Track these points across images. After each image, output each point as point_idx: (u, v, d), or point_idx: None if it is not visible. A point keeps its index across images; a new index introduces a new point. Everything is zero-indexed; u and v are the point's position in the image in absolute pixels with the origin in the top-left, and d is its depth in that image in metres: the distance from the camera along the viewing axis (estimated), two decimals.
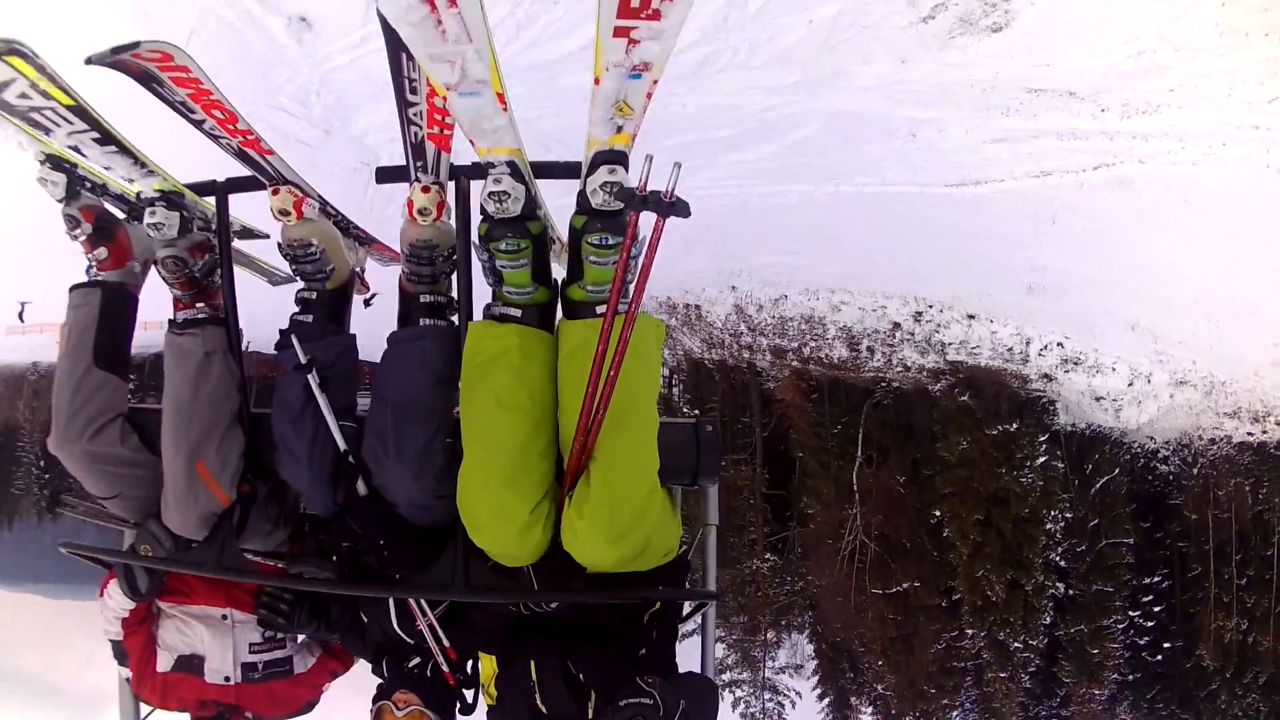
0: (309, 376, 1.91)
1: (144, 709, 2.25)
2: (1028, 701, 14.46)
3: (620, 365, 1.60)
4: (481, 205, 1.72)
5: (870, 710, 13.63)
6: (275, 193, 1.89)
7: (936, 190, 10.46)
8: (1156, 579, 14.34)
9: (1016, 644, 13.26)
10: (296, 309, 2.05)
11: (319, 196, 2.02)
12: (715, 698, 1.79)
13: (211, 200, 2.11)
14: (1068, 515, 13.34)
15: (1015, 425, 12.77)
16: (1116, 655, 14.35)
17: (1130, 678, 14.90)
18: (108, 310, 2.01)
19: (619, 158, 1.62)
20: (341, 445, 1.93)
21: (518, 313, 1.77)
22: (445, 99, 1.49)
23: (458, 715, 2.15)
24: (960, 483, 12.81)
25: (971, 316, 12.59)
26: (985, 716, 14.12)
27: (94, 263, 2.07)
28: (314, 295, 2.03)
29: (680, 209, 1.53)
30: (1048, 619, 13.47)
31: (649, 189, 1.54)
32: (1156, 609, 14.47)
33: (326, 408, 1.92)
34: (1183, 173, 9.86)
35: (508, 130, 1.53)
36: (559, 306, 1.83)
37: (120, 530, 2.21)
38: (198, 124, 1.73)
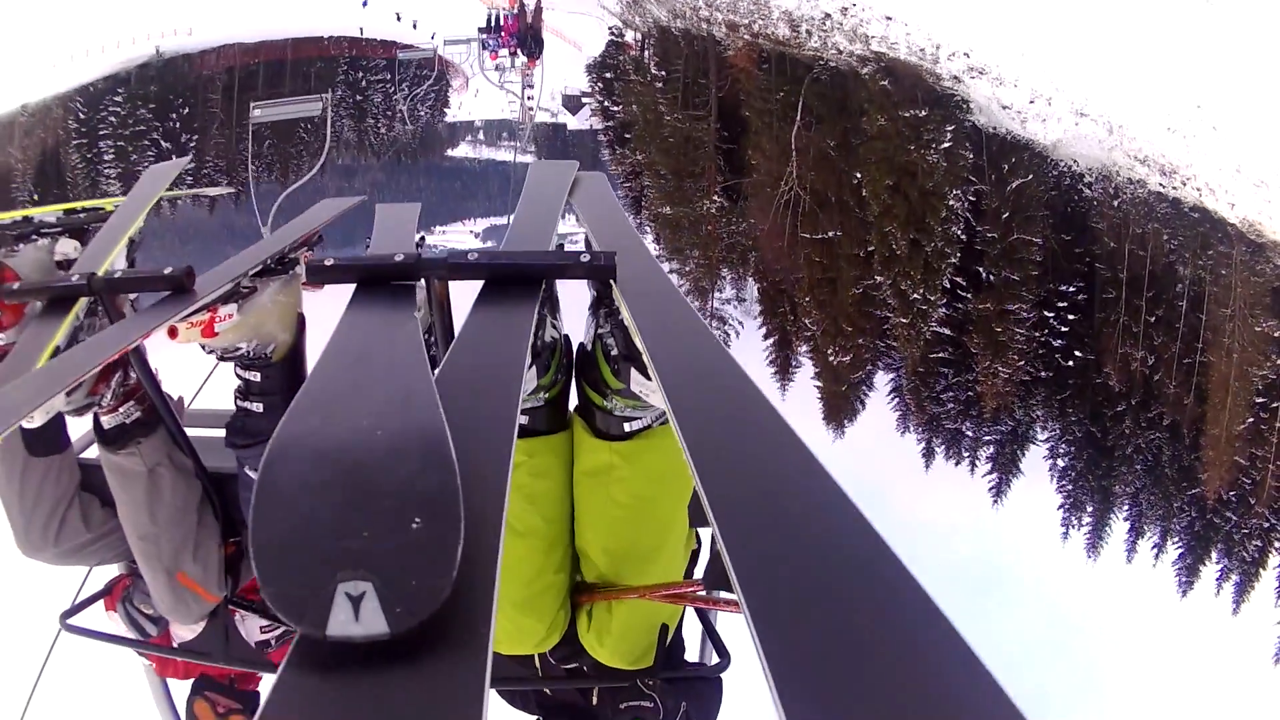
0: None
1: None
2: (946, 371, 16.93)
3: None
4: None
5: (806, 348, 16.47)
6: (173, 334, 1.43)
7: None
8: (1072, 289, 16.53)
9: (916, 295, 15.93)
10: (238, 392, 1.65)
11: (232, 285, 1.48)
12: (719, 695, 1.68)
13: None
14: (972, 199, 16.24)
15: (925, 112, 15.94)
16: (1021, 341, 16.72)
17: (1043, 374, 17.09)
18: None
19: None
20: None
21: (524, 419, 1.38)
22: None
23: None
24: (877, 153, 15.91)
25: (889, 18, 16.11)
26: (901, 374, 16.74)
27: None
28: (258, 376, 1.62)
29: None
30: (946, 282, 16.10)
31: None
32: (1071, 316, 16.75)
33: None
34: None
35: None
36: (573, 387, 1.42)
37: None
38: None
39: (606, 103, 16.36)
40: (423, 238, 1.66)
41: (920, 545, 17.96)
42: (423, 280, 1.11)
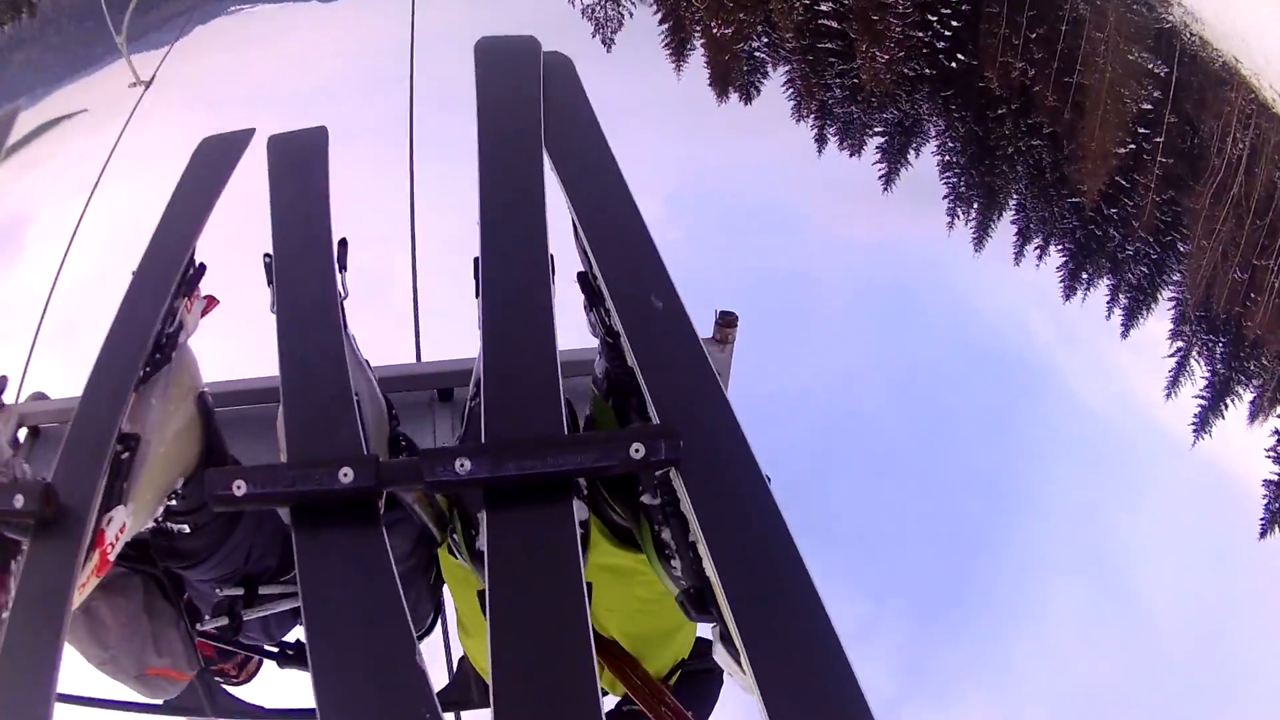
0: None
1: None
2: (834, 61, 18.02)
3: None
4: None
5: (699, 33, 17.67)
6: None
7: None
8: None
9: None
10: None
11: (109, 470, 1.04)
12: (718, 686, 1.62)
13: None
14: None
15: None
16: (898, 32, 17.86)
17: (928, 71, 18.24)
18: None
19: None
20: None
21: None
22: None
23: None
24: None
25: None
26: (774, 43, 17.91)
27: None
28: (174, 500, 1.27)
29: None
30: None
31: None
32: (954, 23, 18.00)
33: (266, 610, 1.52)
34: None
35: None
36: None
37: None
38: None
39: None
40: (344, 245, 1.22)
41: (833, 269, 18.77)
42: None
